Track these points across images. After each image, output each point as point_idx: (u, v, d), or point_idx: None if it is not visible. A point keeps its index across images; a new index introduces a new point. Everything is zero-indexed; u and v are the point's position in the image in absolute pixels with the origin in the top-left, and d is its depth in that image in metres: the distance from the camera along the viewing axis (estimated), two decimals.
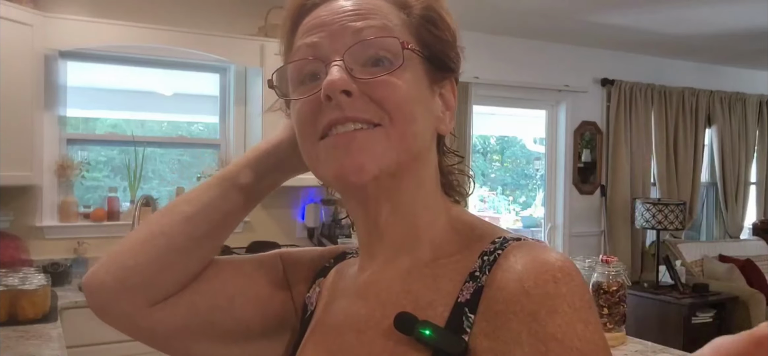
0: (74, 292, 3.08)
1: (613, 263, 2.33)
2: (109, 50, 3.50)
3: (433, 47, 0.68)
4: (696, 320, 4.33)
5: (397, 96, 0.64)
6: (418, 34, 0.67)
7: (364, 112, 0.63)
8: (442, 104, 0.70)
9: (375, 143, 0.63)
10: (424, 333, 0.60)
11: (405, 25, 0.67)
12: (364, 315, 0.68)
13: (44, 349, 2.13)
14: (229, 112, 3.90)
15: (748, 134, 5.88)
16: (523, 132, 6.57)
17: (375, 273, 0.71)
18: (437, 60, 0.69)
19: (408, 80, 0.65)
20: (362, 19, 0.65)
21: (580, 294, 0.57)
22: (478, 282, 0.61)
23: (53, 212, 3.42)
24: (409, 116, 0.64)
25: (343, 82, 0.62)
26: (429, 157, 0.69)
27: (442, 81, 0.70)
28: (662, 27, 4.51)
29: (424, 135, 0.67)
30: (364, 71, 0.64)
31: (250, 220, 3.88)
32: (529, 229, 5.91)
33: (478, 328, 0.59)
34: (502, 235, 0.65)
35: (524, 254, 0.60)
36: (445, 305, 0.62)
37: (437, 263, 0.67)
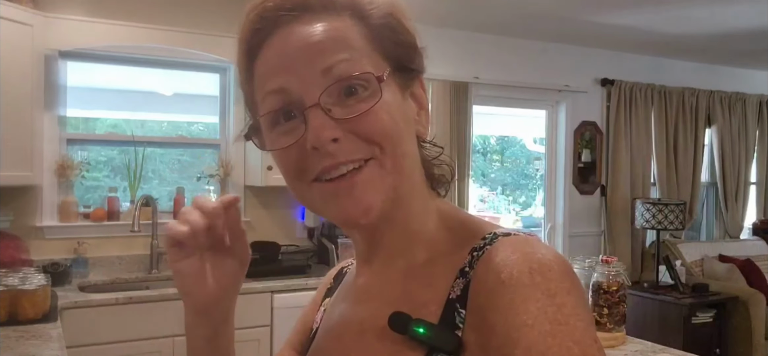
0: (74, 292, 3.08)
1: (613, 263, 2.33)
2: (109, 50, 3.51)
3: (397, 54, 0.67)
4: (696, 320, 4.33)
5: (383, 126, 0.63)
6: (382, 46, 0.66)
7: (355, 153, 0.63)
8: (415, 104, 0.70)
9: (373, 179, 0.63)
10: (418, 331, 0.61)
11: (366, 40, 0.65)
12: (362, 318, 0.69)
13: (44, 349, 2.13)
14: (229, 112, 3.90)
15: (748, 134, 5.88)
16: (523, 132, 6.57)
17: (372, 277, 0.72)
18: (403, 66, 0.68)
19: (387, 103, 0.64)
20: (327, 52, 0.63)
21: (558, 281, 0.56)
22: (467, 278, 0.62)
23: (53, 212, 3.42)
24: (397, 139, 0.64)
25: (329, 133, 0.61)
26: (415, 161, 0.70)
27: (410, 83, 0.69)
28: (662, 27, 4.51)
29: (411, 152, 0.67)
30: (342, 107, 0.62)
31: (251, 220, 3.89)
32: (529, 229, 5.91)
33: (468, 323, 0.60)
34: (492, 230, 0.65)
35: (506, 248, 0.60)
36: (438, 303, 0.63)
37: (432, 262, 0.67)
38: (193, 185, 3.88)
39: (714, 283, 4.65)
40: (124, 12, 3.49)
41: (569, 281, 0.57)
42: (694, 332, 4.28)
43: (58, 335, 2.29)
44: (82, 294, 3.07)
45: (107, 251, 3.51)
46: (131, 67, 3.72)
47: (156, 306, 3.03)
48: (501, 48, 4.75)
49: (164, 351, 3.03)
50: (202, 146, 4.04)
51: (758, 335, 4.46)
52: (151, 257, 3.57)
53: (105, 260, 3.50)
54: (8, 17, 2.93)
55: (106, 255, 3.51)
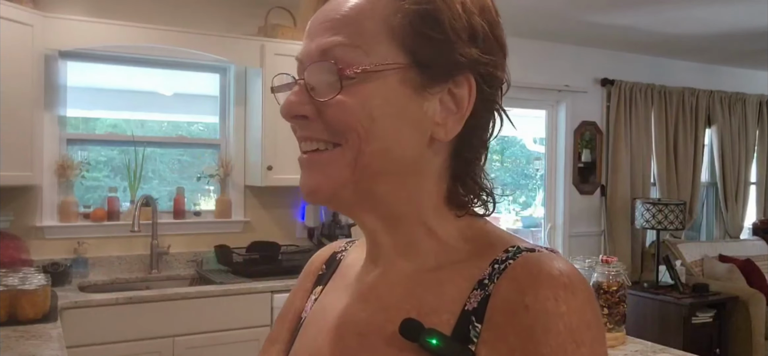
0: (74, 292, 3.08)
1: (613, 263, 2.33)
2: (109, 50, 3.50)
3: (425, 52, 0.62)
4: (696, 320, 4.33)
5: (348, 118, 0.61)
6: (404, 35, 0.62)
7: (319, 134, 0.63)
8: (447, 106, 0.64)
9: (330, 163, 0.63)
10: (430, 342, 0.59)
11: (384, 22, 0.62)
12: (365, 318, 0.67)
13: (44, 349, 2.13)
14: (229, 112, 3.90)
15: (748, 134, 5.88)
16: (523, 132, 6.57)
17: (377, 277, 0.70)
18: (431, 66, 0.63)
19: (366, 97, 0.61)
20: (332, 31, 0.63)
21: (581, 312, 0.56)
22: (486, 291, 0.60)
23: (53, 212, 3.42)
24: (365, 134, 0.62)
25: (294, 108, 0.63)
26: (418, 167, 0.65)
27: (446, 82, 0.63)
28: (662, 27, 4.51)
29: (393, 150, 0.63)
30: (322, 88, 0.62)
31: (251, 220, 3.89)
32: (529, 229, 5.91)
33: (482, 338, 0.58)
34: (516, 244, 0.63)
35: (533, 266, 0.59)
36: (451, 312, 0.61)
37: (443, 270, 0.65)
38: (193, 185, 3.88)
39: (714, 283, 4.66)
40: (124, 12, 3.49)
41: (591, 311, 0.57)
42: (694, 332, 4.28)
43: (58, 335, 2.29)
44: (82, 294, 3.07)
45: (107, 251, 3.51)
46: (131, 67, 3.72)
47: (156, 306, 3.03)
48: None
49: (164, 351, 3.03)
50: (202, 146, 4.04)
51: (758, 335, 4.46)
52: (151, 258, 3.57)
53: (105, 260, 3.50)
54: (8, 17, 2.93)
55: (106, 255, 3.51)
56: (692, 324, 4.30)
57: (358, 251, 0.78)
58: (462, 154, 0.67)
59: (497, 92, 0.67)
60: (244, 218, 3.88)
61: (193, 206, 3.85)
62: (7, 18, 2.92)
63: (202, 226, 3.77)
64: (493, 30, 0.66)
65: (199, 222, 3.78)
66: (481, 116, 0.66)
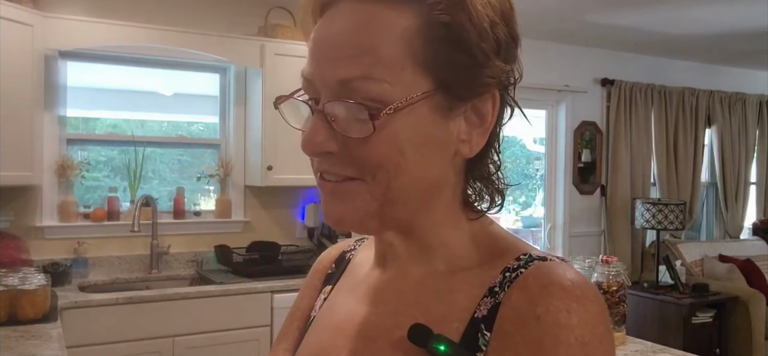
0: (74, 292, 3.08)
1: (613, 263, 2.33)
2: (109, 50, 3.50)
3: (449, 73, 0.59)
4: (696, 320, 4.33)
5: (377, 155, 0.58)
6: (427, 59, 0.58)
7: (343, 169, 0.60)
8: (474, 120, 0.62)
9: (355, 195, 0.60)
10: (438, 348, 0.58)
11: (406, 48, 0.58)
12: (374, 321, 0.67)
13: (44, 349, 2.13)
14: (229, 112, 3.90)
15: (748, 134, 5.88)
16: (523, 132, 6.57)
17: (386, 280, 0.69)
18: (455, 87, 0.59)
19: (395, 133, 0.58)
20: (348, 61, 0.57)
21: (592, 326, 0.55)
22: (497, 298, 0.59)
23: (53, 212, 3.42)
24: (394, 171, 0.59)
25: (319, 145, 0.59)
26: (441, 186, 0.64)
27: (470, 100, 0.61)
28: (662, 27, 4.51)
29: (421, 180, 0.61)
30: (345, 122, 0.58)
31: (251, 220, 3.89)
32: (529, 229, 5.91)
33: (491, 347, 0.57)
34: (528, 251, 0.62)
35: (545, 276, 0.58)
36: (460, 320, 0.60)
37: (453, 276, 0.64)
38: (193, 185, 3.88)
39: (714, 283, 4.66)
40: (124, 12, 3.49)
41: (603, 324, 0.56)
42: (694, 332, 4.28)
43: (58, 335, 2.29)
44: (82, 294, 3.07)
45: (107, 251, 3.51)
46: (131, 67, 3.72)
47: (156, 306, 3.03)
48: None
49: (164, 351, 3.03)
50: (202, 146, 4.04)
51: (758, 335, 4.46)
52: (151, 258, 3.56)
53: (105, 260, 3.50)
54: (8, 17, 2.93)
55: (106, 255, 3.51)
56: (692, 324, 4.30)
57: (367, 250, 0.77)
58: (479, 159, 0.65)
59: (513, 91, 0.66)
60: (244, 218, 3.88)
61: (193, 206, 3.85)
62: (7, 18, 2.92)
63: (202, 226, 3.77)
64: (511, 30, 0.63)
65: (199, 222, 3.78)
66: (499, 121, 0.65)
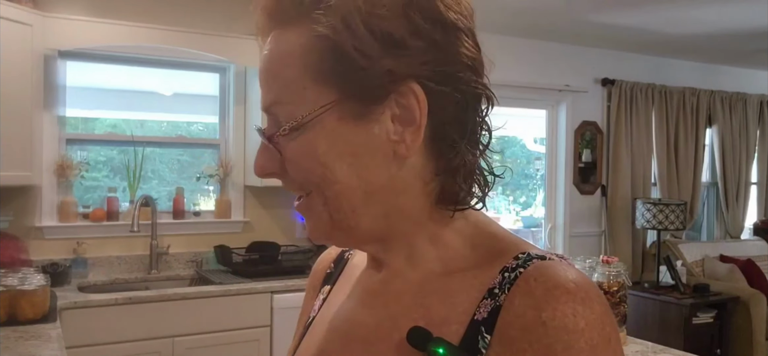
0: (74, 292, 3.07)
1: (614, 263, 2.33)
2: (109, 50, 3.50)
3: (351, 79, 0.59)
4: (697, 320, 4.32)
5: (303, 172, 0.63)
6: (326, 71, 0.59)
7: (293, 185, 0.65)
8: (402, 120, 0.60)
9: (311, 209, 0.65)
10: (437, 351, 0.58)
11: (303, 67, 0.60)
12: (373, 325, 0.66)
13: (43, 349, 2.12)
14: (229, 112, 3.89)
15: (748, 134, 5.87)
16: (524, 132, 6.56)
17: (383, 283, 0.68)
18: (362, 90, 0.59)
19: (309, 147, 0.61)
20: (266, 87, 0.64)
21: (600, 327, 0.55)
22: (497, 301, 0.58)
23: (53, 212, 3.41)
24: (323, 182, 0.62)
25: (263, 168, 0.65)
26: (398, 184, 0.62)
27: (386, 98, 0.60)
28: (662, 27, 4.51)
29: (362, 187, 0.61)
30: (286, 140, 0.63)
31: (250, 220, 3.88)
32: (530, 229, 5.90)
33: (493, 351, 0.57)
34: (526, 250, 0.61)
35: (548, 279, 0.57)
36: (459, 322, 0.59)
37: (452, 277, 0.63)
38: (192, 185, 3.88)
39: (715, 283, 4.65)
40: (124, 12, 3.49)
41: (610, 324, 0.56)
42: (694, 332, 4.28)
43: (57, 335, 2.29)
44: (82, 294, 3.06)
45: (107, 251, 3.51)
46: (131, 67, 3.71)
47: (155, 307, 3.02)
48: (501, 48, 4.75)
49: (164, 352, 3.03)
50: (202, 146, 4.03)
51: (759, 335, 4.45)
52: (150, 258, 3.56)
53: (104, 261, 3.49)
54: (8, 17, 2.92)
55: (106, 255, 3.50)
56: (693, 324, 4.30)
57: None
58: (441, 153, 0.63)
59: (462, 74, 0.62)
60: (244, 218, 3.87)
61: (193, 206, 3.84)
62: (6, 18, 2.91)
63: (201, 226, 3.77)
64: (430, 15, 0.60)
65: (198, 222, 3.77)
66: (447, 110, 0.61)
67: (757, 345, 4.43)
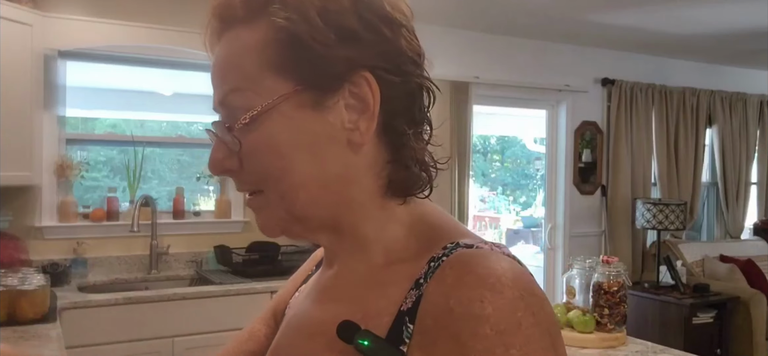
0: (73, 292, 3.07)
1: (614, 263, 2.33)
2: (109, 50, 3.50)
3: (307, 69, 0.61)
4: (697, 320, 4.32)
5: (262, 165, 0.63)
6: (282, 62, 0.61)
7: (245, 184, 0.66)
8: (355, 108, 0.62)
9: (262, 208, 0.65)
10: (362, 344, 0.58)
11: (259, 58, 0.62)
12: (317, 319, 0.68)
13: (43, 350, 2.12)
14: None
15: (748, 134, 5.87)
16: (523, 132, 6.57)
17: (331, 278, 0.70)
18: (319, 80, 0.61)
19: (272, 135, 0.62)
20: (221, 80, 0.65)
21: (509, 312, 0.53)
22: (420, 290, 0.58)
23: (52, 212, 3.41)
24: (282, 175, 0.62)
25: (219, 164, 0.66)
26: (351, 173, 0.64)
27: (341, 89, 0.62)
28: (662, 27, 4.51)
29: (318, 177, 0.63)
30: (225, 141, 0.65)
31: (250, 220, 3.88)
32: (530, 229, 5.91)
33: (414, 340, 0.57)
34: (456, 239, 0.61)
35: (461, 266, 0.57)
36: (391, 314, 0.60)
37: (389, 269, 0.64)
38: (192, 184, 3.88)
39: (715, 283, 4.65)
40: (124, 12, 3.49)
41: (522, 309, 0.54)
42: (694, 332, 4.28)
43: (57, 335, 2.29)
44: (82, 294, 3.06)
45: (106, 251, 3.51)
46: (131, 67, 3.71)
47: (155, 307, 3.02)
48: (501, 48, 4.75)
49: (164, 352, 3.03)
50: (202, 146, 4.03)
51: (759, 335, 4.45)
52: (150, 258, 3.56)
53: (104, 261, 3.50)
54: (8, 17, 2.92)
55: (106, 255, 3.50)
56: (693, 324, 4.29)
57: None
58: (392, 143, 0.65)
59: (408, 68, 0.64)
60: (244, 218, 3.87)
61: (193, 206, 3.84)
62: (6, 18, 2.91)
63: (201, 226, 3.77)
64: (378, 12, 0.63)
65: (198, 222, 3.78)
66: (396, 100, 0.64)
67: (757, 345, 4.44)
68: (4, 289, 2.41)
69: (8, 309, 2.40)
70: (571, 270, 2.45)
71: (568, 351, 2.22)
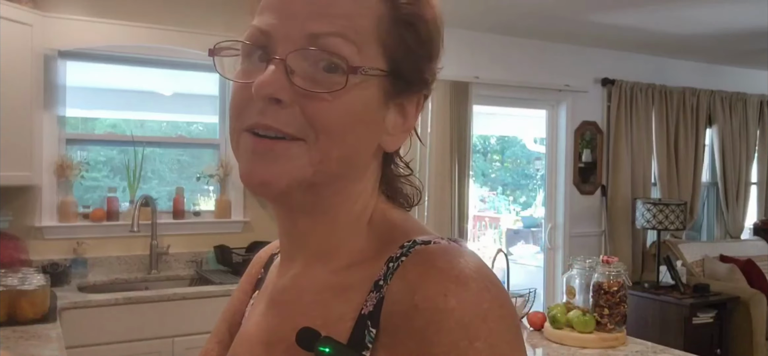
0: (73, 292, 3.07)
1: (614, 263, 2.33)
2: (109, 50, 3.50)
3: (402, 62, 0.62)
4: (697, 320, 4.32)
5: (330, 118, 0.58)
6: (389, 41, 0.61)
7: (287, 125, 0.58)
8: (398, 117, 0.64)
9: (291, 157, 0.59)
10: (323, 351, 0.56)
11: (376, 25, 0.60)
12: (274, 326, 0.66)
13: (43, 349, 2.12)
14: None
15: (748, 134, 5.88)
16: (523, 132, 6.57)
17: (290, 280, 0.68)
18: (403, 77, 0.62)
19: (350, 101, 0.59)
20: (326, 18, 0.58)
21: (474, 304, 0.52)
22: (380, 292, 0.57)
23: (52, 212, 3.41)
24: (338, 138, 0.59)
25: (272, 89, 0.57)
26: (363, 173, 0.64)
27: (404, 95, 0.63)
28: (662, 27, 4.51)
29: (354, 157, 0.62)
30: (307, 77, 0.58)
31: (250, 220, 3.88)
32: (530, 229, 5.91)
33: (379, 343, 0.56)
34: (413, 237, 0.60)
35: (423, 262, 0.56)
36: (352, 318, 0.58)
37: (349, 271, 0.62)
38: (192, 185, 3.88)
39: (715, 283, 4.65)
40: (124, 12, 3.49)
41: (488, 301, 0.53)
42: (694, 332, 4.28)
43: (57, 335, 2.29)
44: (82, 294, 3.06)
45: (107, 251, 3.51)
46: (131, 67, 3.71)
47: (155, 307, 3.02)
48: (501, 48, 4.75)
49: (164, 352, 3.03)
50: (202, 146, 4.04)
51: (759, 335, 4.45)
52: (150, 258, 3.56)
53: (104, 261, 3.50)
54: (8, 17, 2.92)
55: (106, 255, 3.50)
56: (693, 324, 4.29)
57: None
58: (389, 159, 0.67)
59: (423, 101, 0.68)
60: (244, 218, 3.87)
61: (193, 206, 3.84)
62: (6, 18, 2.91)
63: (201, 226, 3.77)
64: (441, 43, 0.66)
65: (198, 222, 3.78)
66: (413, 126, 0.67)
67: (757, 345, 4.44)
68: (4, 289, 2.41)
69: (8, 309, 2.40)
70: (571, 270, 2.45)
71: (569, 351, 2.22)
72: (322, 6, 0.59)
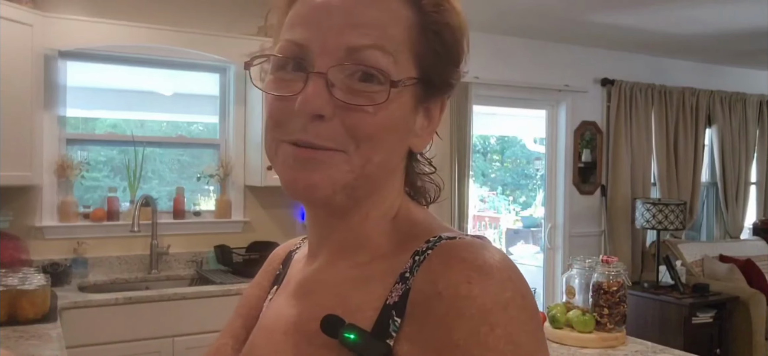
0: (74, 292, 3.08)
1: (614, 263, 2.33)
2: (109, 50, 3.50)
3: (431, 68, 0.64)
4: (696, 320, 4.33)
5: (372, 129, 0.60)
6: (419, 49, 0.63)
7: (329, 140, 0.60)
8: (424, 120, 0.67)
9: (334, 165, 0.61)
10: (348, 338, 0.58)
11: (408, 35, 0.62)
12: (294, 315, 0.68)
13: (44, 349, 2.12)
14: (229, 112, 3.90)
15: (748, 134, 5.88)
16: (523, 132, 6.57)
17: (313, 273, 0.70)
18: (431, 83, 0.65)
19: (390, 112, 0.61)
20: (362, 29, 0.60)
21: (496, 293, 0.53)
22: (407, 284, 0.59)
23: (53, 212, 3.42)
24: (378, 146, 0.61)
25: (316, 106, 0.59)
26: (394, 174, 0.67)
27: (430, 98, 0.66)
28: (662, 27, 4.51)
29: (389, 161, 0.65)
30: (346, 89, 0.60)
31: (250, 220, 3.89)
32: (530, 229, 5.91)
33: (403, 332, 0.57)
34: (438, 233, 0.62)
35: (448, 254, 0.58)
36: (374, 308, 0.60)
37: (370, 264, 0.65)
38: (192, 185, 3.88)
39: (714, 283, 4.65)
40: (124, 12, 3.49)
41: (510, 290, 0.54)
42: (694, 332, 4.28)
43: (57, 335, 2.29)
44: (82, 294, 3.07)
45: (107, 251, 3.51)
46: (131, 67, 3.71)
47: (156, 306, 3.02)
48: (501, 48, 4.76)
49: (164, 351, 3.03)
50: (202, 146, 4.04)
51: (759, 335, 4.46)
52: (150, 258, 3.56)
53: (105, 261, 3.50)
54: (8, 17, 2.93)
55: (106, 255, 3.51)
56: (692, 324, 4.30)
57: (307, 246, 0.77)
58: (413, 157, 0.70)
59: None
60: (244, 218, 3.88)
61: (193, 206, 3.85)
62: (7, 18, 2.91)
63: (201, 226, 3.77)
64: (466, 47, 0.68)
65: (198, 222, 3.78)
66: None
67: (757, 345, 4.44)
68: (5, 289, 2.41)
69: (9, 308, 2.40)
70: (571, 270, 2.45)
71: (568, 351, 2.23)
72: (355, 16, 0.60)
